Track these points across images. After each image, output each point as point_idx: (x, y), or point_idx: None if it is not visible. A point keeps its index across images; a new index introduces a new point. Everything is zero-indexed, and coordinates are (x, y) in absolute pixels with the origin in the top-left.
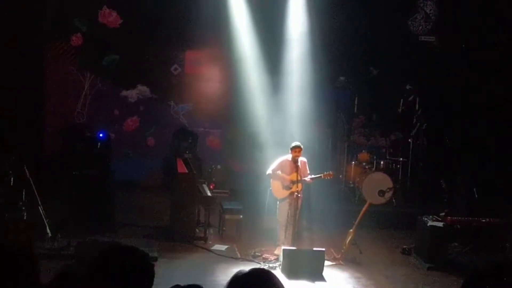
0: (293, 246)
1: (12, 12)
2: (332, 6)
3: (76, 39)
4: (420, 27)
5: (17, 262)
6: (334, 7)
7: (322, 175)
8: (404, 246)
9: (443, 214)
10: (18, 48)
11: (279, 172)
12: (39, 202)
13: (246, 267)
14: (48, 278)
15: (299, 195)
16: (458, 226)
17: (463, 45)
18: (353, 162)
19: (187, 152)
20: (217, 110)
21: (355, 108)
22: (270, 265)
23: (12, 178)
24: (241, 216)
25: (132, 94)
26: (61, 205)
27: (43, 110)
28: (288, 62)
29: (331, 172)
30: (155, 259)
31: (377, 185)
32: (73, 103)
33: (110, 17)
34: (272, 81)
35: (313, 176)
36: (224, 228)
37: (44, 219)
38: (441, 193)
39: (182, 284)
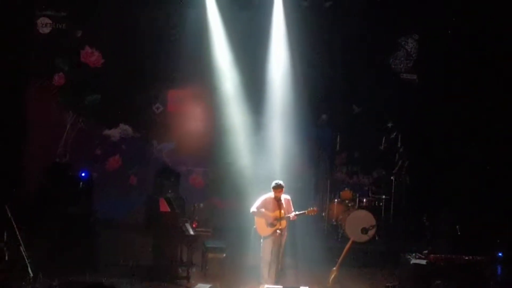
0: (277, 284)
1: None
2: (313, 45)
3: (58, 78)
4: (402, 65)
5: None
6: (316, 46)
7: (306, 211)
8: (388, 284)
9: (426, 251)
10: (0, 86)
11: (262, 209)
12: (21, 242)
13: None
14: None
15: (282, 232)
16: (442, 264)
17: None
18: (336, 200)
19: (169, 191)
20: (199, 149)
21: (338, 146)
22: None
23: None
24: (224, 255)
25: (114, 133)
26: (43, 244)
27: (25, 149)
28: (271, 100)
29: (315, 208)
30: None
31: (360, 223)
32: (55, 142)
33: (92, 57)
34: (254, 120)
35: (297, 212)
36: (207, 267)
37: (26, 259)
38: (424, 230)
39: None
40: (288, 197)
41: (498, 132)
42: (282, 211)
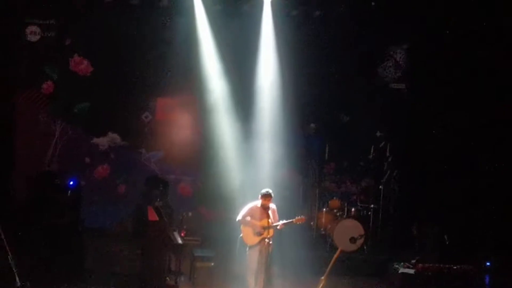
0: None
1: None
2: (302, 53)
3: (47, 87)
4: (390, 75)
5: None
6: (305, 54)
7: (294, 220)
8: None
9: (414, 261)
10: None
11: (249, 218)
12: (8, 251)
13: None
14: None
15: (270, 241)
16: (429, 273)
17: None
18: (324, 209)
19: (158, 199)
20: (188, 157)
21: (326, 155)
22: None
23: None
24: (213, 264)
25: (103, 142)
26: (31, 253)
27: (14, 157)
28: (259, 109)
29: (303, 217)
30: None
31: (348, 232)
32: (44, 151)
33: (81, 65)
34: (243, 128)
35: (285, 221)
36: (195, 276)
37: (14, 268)
38: (412, 240)
39: None
40: (274, 206)
41: (487, 141)
42: (270, 220)
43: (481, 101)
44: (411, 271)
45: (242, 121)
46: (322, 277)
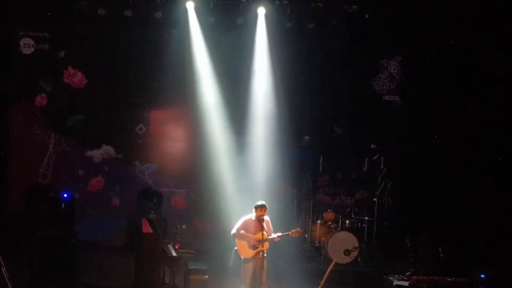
0: None
1: None
2: (296, 65)
3: (41, 100)
4: (384, 87)
5: None
6: (299, 66)
7: (290, 232)
8: None
9: (408, 273)
10: None
11: (243, 231)
12: (2, 263)
13: None
14: None
15: (265, 254)
16: (424, 285)
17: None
18: (319, 222)
19: (152, 212)
20: (182, 170)
21: (320, 167)
22: None
23: None
24: (207, 277)
25: (96, 154)
26: (25, 266)
27: (7, 170)
28: (253, 121)
29: (298, 229)
30: None
31: (342, 244)
32: (38, 163)
33: (75, 78)
34: (237, 141)
35: (281, 233)
36: None
37: (8, 281)
38: (406, 252)
39: None
40: (267, 218)
41: (481, 153)
42: (265, 233)
43: (475, 113)
44: (406, 283)
45: (236, 133)
46: None
